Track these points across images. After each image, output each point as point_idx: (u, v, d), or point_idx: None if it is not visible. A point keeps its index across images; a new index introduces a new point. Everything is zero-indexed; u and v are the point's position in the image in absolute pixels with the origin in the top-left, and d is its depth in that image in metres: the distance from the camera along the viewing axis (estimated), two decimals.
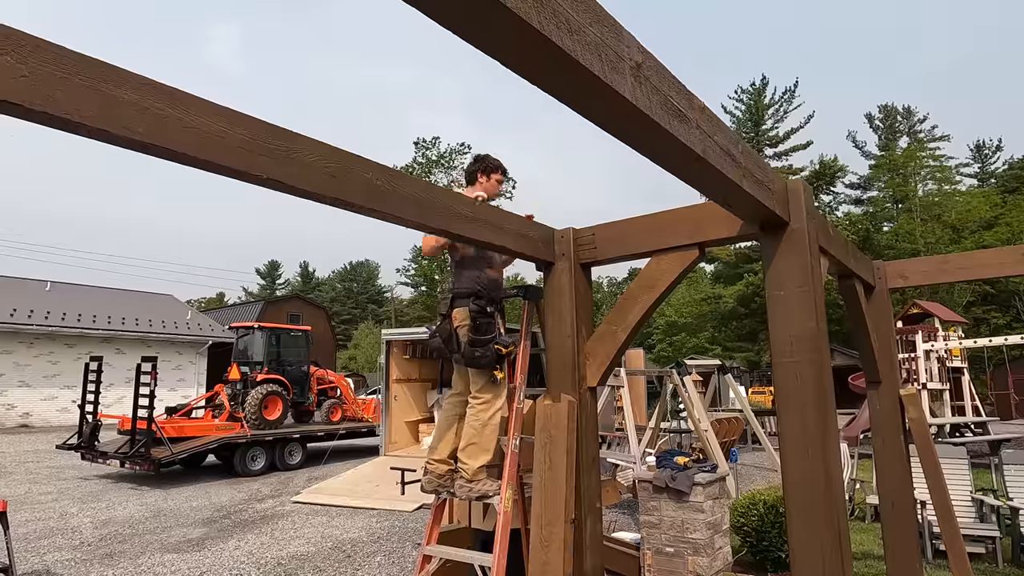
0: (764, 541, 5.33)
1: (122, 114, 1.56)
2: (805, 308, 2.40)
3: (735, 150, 1.99)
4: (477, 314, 3.34)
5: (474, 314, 3.34)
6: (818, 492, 2.32)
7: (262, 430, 12.05)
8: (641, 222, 3.02)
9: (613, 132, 1.58)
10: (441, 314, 3.54)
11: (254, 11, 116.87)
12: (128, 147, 1.63)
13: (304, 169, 2.02)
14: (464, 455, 3.31)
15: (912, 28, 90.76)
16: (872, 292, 4.08)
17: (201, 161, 1.75)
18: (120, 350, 23.09)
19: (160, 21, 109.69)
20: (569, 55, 1.23)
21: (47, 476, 11.40)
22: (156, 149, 1.66)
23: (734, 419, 12.02)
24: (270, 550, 6.50)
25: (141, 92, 1.63)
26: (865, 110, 56.71)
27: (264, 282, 78.15)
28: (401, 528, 7.36)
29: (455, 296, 3.46)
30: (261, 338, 13.78)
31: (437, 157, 39.33)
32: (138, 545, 6.72)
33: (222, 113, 1.82)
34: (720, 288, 41.49)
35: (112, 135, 1.55)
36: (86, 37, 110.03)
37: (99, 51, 1.52)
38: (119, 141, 1.60)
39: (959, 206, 37.02)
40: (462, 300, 3.44)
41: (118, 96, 1.57)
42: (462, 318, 3.39)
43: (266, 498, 9.42)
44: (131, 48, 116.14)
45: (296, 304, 46.28)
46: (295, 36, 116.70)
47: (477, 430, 3.30)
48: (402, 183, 2.38)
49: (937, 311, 16.96)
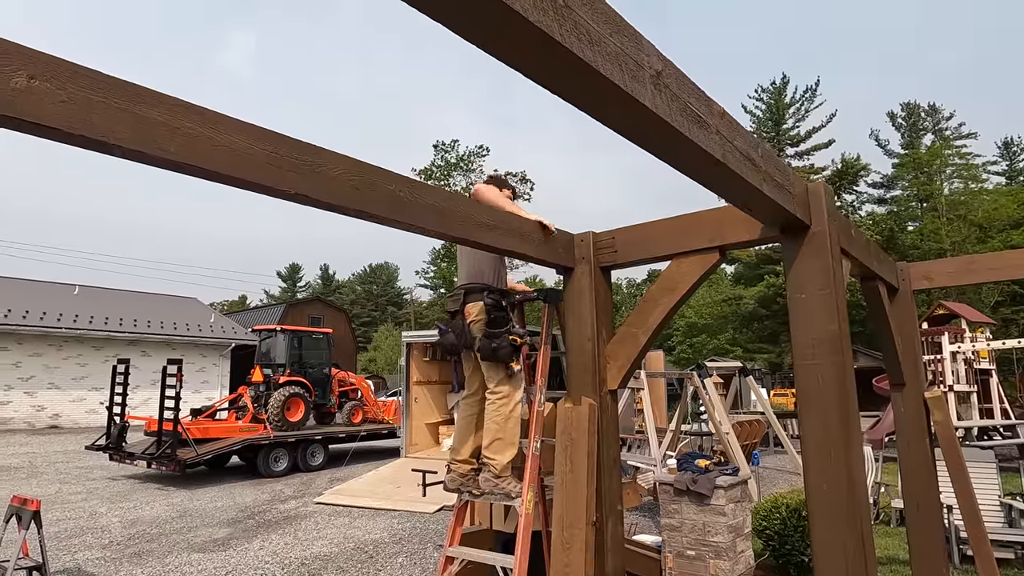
0: (787, 545, 5.29)
1: (155, 135, 1.62)
2: (827, 311, 2.40)
3: (755, 154, 2.00)
4: (492, 307, 3.34)
5: (489, 307, 3.34)
6: (841, 495, 2.31)
7: (285, 431, 12.19)
8: (661, 225, 3.03)
9: (632, 138, 1.60)
10: (450, 311, 3.53)
11: (266, 16, 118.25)
12: (162, 166, 1.68)
13: (329, 183, 2.07)
14: (491, 451, 3.31)
15: (935, 25, 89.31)
16: (896, 294, 4.04)
17: (231, 178, 1.80)
18: (146, 352, 23.48)
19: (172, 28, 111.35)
20: (590, 65, 1.25)
21: (76, 476, 11.65)
22: (188, 168, 1.72)
23: (756, 421, 11.91)
24: (294, 550, 6.59)
25: (172, 112, 1.68)
26: (888, 108, 55.80)
27: (285, 285, 79.01)
28: (422, 529, 7.42)
29: (467, 291, 3.45)
30: (283, 340, 13.95)
31: (456, 159, 39.51)
32: (165, 545, 6.85)
33: (249, 130, 1.87)
34: (741, 289, 41.10)
35: (146, 155, 1.61)
36: (103, 46, 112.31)
37: (116, 56, 1.57)
38: (153, 161, 1.65)
39: (986, 205, 36.29)
40: (475, 295, 3.43)
41: (151, 117, 1.62)
42: (476, 312, 3.39)
43: (289, 499, 9.54)
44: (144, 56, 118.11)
45: (317, 306, 46.72)
46: (304, 39, 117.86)
47: (500, 425, 3.30)
48: (423, 193, 2.41)
49: (964, 312, 16.67)
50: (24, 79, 1.40)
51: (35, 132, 1.44)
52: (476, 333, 3.35)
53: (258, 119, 1.89)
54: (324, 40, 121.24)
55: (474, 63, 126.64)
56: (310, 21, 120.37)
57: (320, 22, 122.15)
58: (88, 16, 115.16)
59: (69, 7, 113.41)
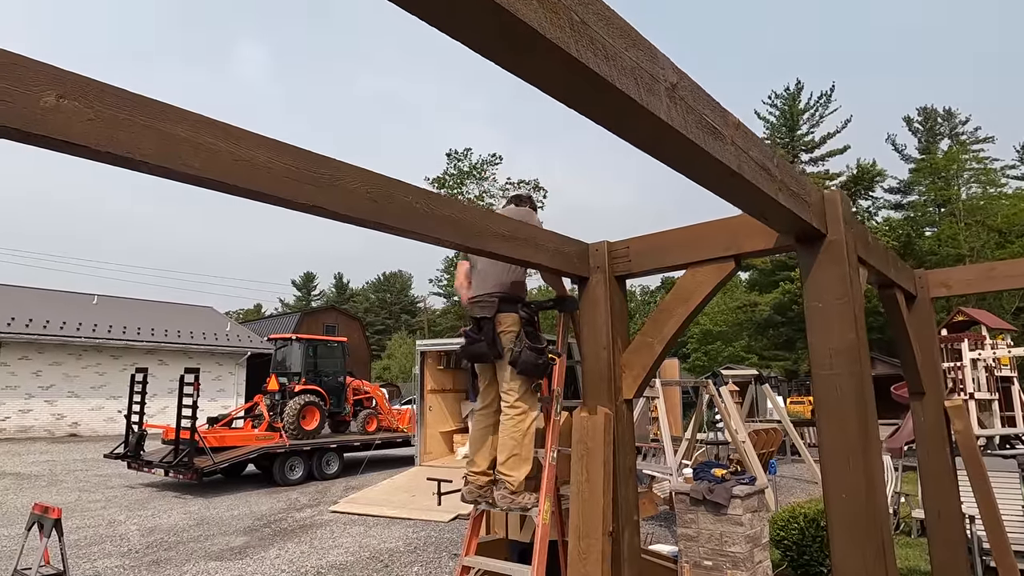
0: (805, 555, 5.24)
1: (179, 151, 1.65)
2: (844, 320, 2.39)
3: (770, 164, 2.01)
4: (527, 321, 3.34)
5: (524, 320, 3.34)
6: (859, 504, 2.29)
7: (300, 440, 12.26)
8: (676, 235, 3.03)
9: (648, 151, 1.61)
10: (476, 317, 3.45)
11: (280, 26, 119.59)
12: (185, 181, 1.72)
13: (347, 196, 2.10)
14: (506, 468, 3.28)
15: (951, 27, 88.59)
16: (914, 301, 4.00)
17: (251, 191, 1.83)
18: (163, 361, 23.73)
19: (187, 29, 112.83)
20: (606, 80, 1.26)
21: (95, 484, 11.77)
22: (210, 182, 1.75)
23: (772, 430, 11.81)
24: (309, 559, 6.61)
25: (195, 128, 1.72)
26: (904, 113, 55.36)
27: (300, 293, 79.57)
28: (437, 538, 7.42)
29: (502, 299, 3.40)
30: (299, 349, 14.05)
31: (469, 168, 39.68)
32: (183, 553, 6.91)
33: (269, 144, 1.90)
34: (756, 296, 40.83)
35: (171, 171, 1.64)
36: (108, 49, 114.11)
37: (133, 61, 1.61)
38: (177, 176, 1.69)
39: (1005, 209, 35.81)
40: (510, 305, 3.39)
41: (175, 133, 1.66)
42: (509, 323, 3.35)
43: (304, 507, 9.58)
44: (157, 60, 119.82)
45: (331, 315, 47.03)
46: (320, 48, 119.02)
47: (518, 441, 3.28)
48: (440, 205, 2.44)
49: (984, 318, 16.40)
50: (53, 98, 1.44)
51: (64, 150, 1.48)
52: (507, 344, 3.32)
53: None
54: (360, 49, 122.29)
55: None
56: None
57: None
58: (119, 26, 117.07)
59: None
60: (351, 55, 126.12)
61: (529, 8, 1.07)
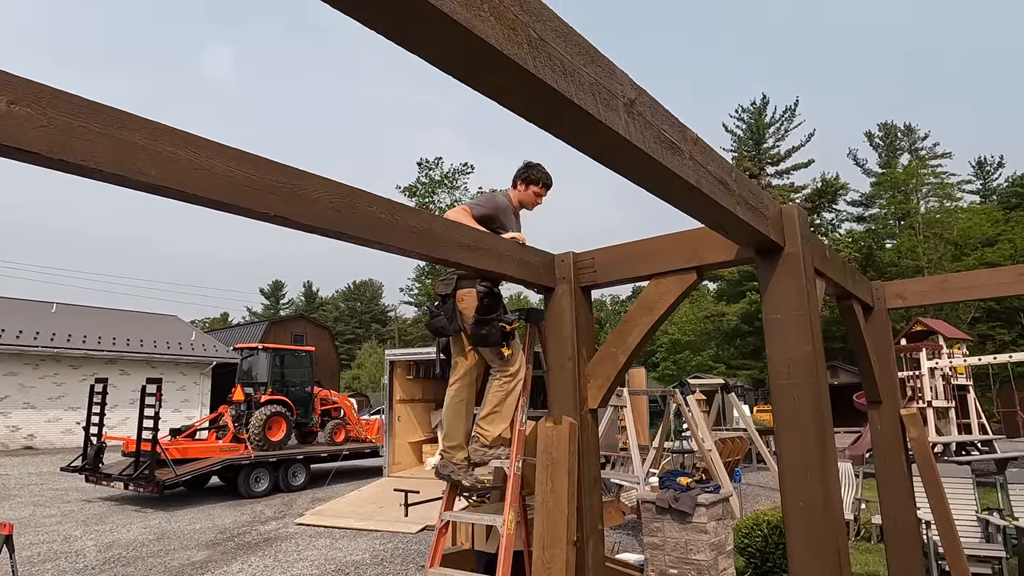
0: (768, 562, 5.31)
1: (135, 159, 1.64)
2: (801, 331, 2.44)
3: (728, 178, 2.05)
4: (484, 295, 3.38)
5: (481, 295, 3.37)
6: (817, 514, 2.34)
7: (266, 451, 12.04)
8: (640, 246, 3.07)
9: (607, 164, 1.63)
10: (440, 294, 3.54)
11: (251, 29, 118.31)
12: (141, 190, 1.70)
13: (309, 205, 2.09)
14: (484, 422, 3.37)
15: (914, 50, 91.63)
16: (871, 312, 4.11)
17: (211, 200, 1.82)
18: (125, 371, 23.14)
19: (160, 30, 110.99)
20: (564, 96, 1.28)
21: (51, 498, 11.40)
22: (167, 191, 1.73)
23: (738, 438, 11.97)
24: (273, 573, 6.49)
25: (153, 136, 1.70)
26: (865, 128, 56.95)
27: (268, 302, 78.37)
28: (405, 550, 7.34)
29: (460, 277, 3.47)
30: (265, 359, 13.82)
31: (440, 177, 39.60)
32: (141, 568, 6.72)
33: (229, 153, 1.88)
34: (723, 306, 41.46)
35: (126, 179, 1.63)
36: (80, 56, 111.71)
37: (95, 70, 1.60)
38: (133, 184, 1.66)
39: (961, 223, 37.01)
40: (467, 281, 3.45)
41: (131, 141, 1.64)
42: (468, 298, 3.41)
43: (270, 520, 9.41)
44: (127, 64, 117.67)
45: (300, 324, 46.40)
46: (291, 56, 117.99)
47: (500, 400, 3.36)
48: (404, 215, 2.44)
49: (941, 328, 16.93)
50: (4, 104, 1.41)
51: (15, 156, 1.46)
52: (467, 319, 3.39)
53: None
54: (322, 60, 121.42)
55: None
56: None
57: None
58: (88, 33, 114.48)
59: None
60: (324, 63, 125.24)
61: (487, 25, 1.08)
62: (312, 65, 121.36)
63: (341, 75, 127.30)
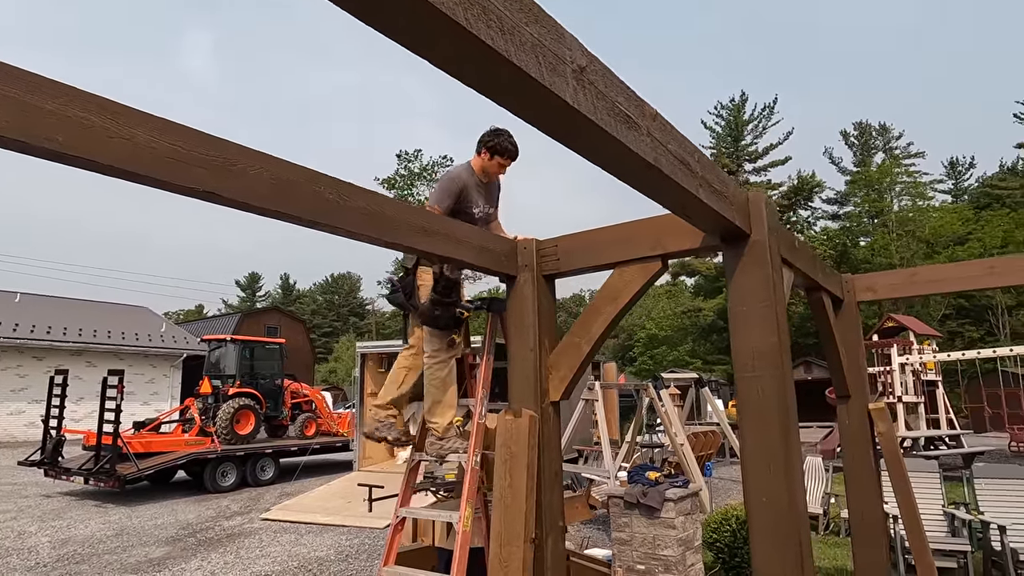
0: (736, 557, 5.27)
1: (41, 123, 1.49)
2: (767, 323, 2.35)
3: (690, 159, 1.94)
4: (441, 276, 3.29)
5: (437, 276, 3.29)
6: (781, 508, 2.26)
7: (233, 445, 11.79)
8: (604, 233, 2.97)
9: (556, 137, 1.52)
10: (405, 267, 3.51)
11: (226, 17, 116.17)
12: (47, 158, 1.55)
13: (244, 181, 1.94)
14: (431, 415, 3.32)
15: (889, 51, 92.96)
16: (841, 306, 4.06)
17: (127, 172, 1.67)
18: (91, 363, 22.56)
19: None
20: (502, 55, 1.17)
21: (8, 493, 11.05)
22: (78, 160, 1.58)
23: (711, 432, 12.00)
24: (233, 570, 6.31)
25: (64, 101, 1.55)
26: (841, 127, 57.65)
27: (244, 294, 77.31)
28: (371, 545, 7.20)
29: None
30: (234, 351, 13.54)
31: (420, 169, 39.29)
32: (96, 566, 6.50)
33: (153, 122, 1.74)
34: (700, 301, 41.73)
35: (29, 146, 1.49)
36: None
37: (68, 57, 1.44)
38: (38, 152, 1.52)
39: (933, 222, 37.63)
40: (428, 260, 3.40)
41: (38, 105, 1.50)
42: (427, 278, 3.37)
43: (234, 515, 9.20)
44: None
45: (274, 316, 45.77)
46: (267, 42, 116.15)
47: (439, 388, 3.30)
48: (353, 196, 2.30)
49: (912, 325, 17.15)
50: None
51: None
52: (423, 297, 3.35)
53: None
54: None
55: None
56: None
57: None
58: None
59: None
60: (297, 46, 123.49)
61: None
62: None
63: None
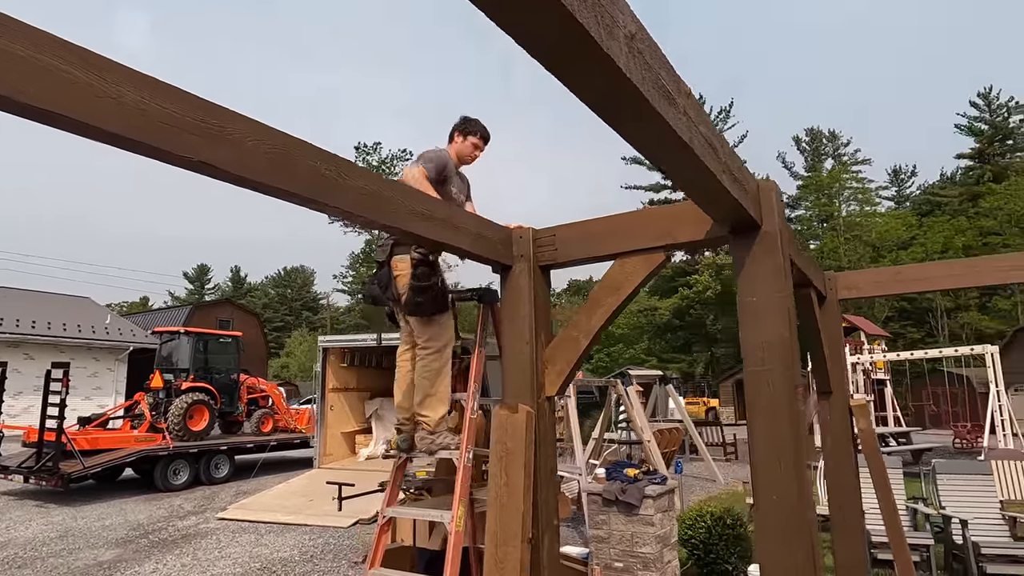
0: (711, 554, 5.28)
1: (10, 73, 1.29)
2: (778, 314, 2.30)
3: (717, 143, 1.87)
4: (419, 262, 3.15)
5: (415, 262, 3.15)
6: (791, 506, 2.21)
7: (186, 441, 11.36)
8: (604, 223, 2.88)
9: (601, 108, 1.41)
10: (378, 261, 3.39)
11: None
12: (15, 113, 1.34)
13: (240, 152, 1.77)
14: (422, 408, 3.20)
15: (838, 61, 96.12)
16: (824, 302, 4.08)
17: (114, 136, 1.48)
18: (29, 355, 21.49)
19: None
20: (565, 7, 1.05)
21: None
22: (57, 118, 1.38)
23: (674, 429, 12.12)
24: (192, 572, 6.03)
25: (42, 48, 1.35)
26: (793, 132, 59.25)
27: (192, 287, 74.86)
28: (336, 545, 6.99)
29: (395, 243, 3.29)
30: (188, 344, 13.04)
31: (378, 163, 38.72)
32: (40, 570, 6.11)
33: (144, 81, 1.55)
34: (656, 300, 42.35)
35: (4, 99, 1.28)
36: None
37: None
38: (8, 106, 1.31)
39: (878, 227, 39.05)
40: (402, 247, 3.27)
41: (8, 50, 1.29)
42: (403, 266, 3.24)
43: (189, 515, 8.83)
44: None
45: (227, 309, 44.44)
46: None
47: (431, 381, 3.19)
48: (352, 174, 2.14)
49: (863, 325, 17.70)
50: None
51: None
52: (402, 287, 3.21)
53: None
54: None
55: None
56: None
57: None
58: None
59: None
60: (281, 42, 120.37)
61: None
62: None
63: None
